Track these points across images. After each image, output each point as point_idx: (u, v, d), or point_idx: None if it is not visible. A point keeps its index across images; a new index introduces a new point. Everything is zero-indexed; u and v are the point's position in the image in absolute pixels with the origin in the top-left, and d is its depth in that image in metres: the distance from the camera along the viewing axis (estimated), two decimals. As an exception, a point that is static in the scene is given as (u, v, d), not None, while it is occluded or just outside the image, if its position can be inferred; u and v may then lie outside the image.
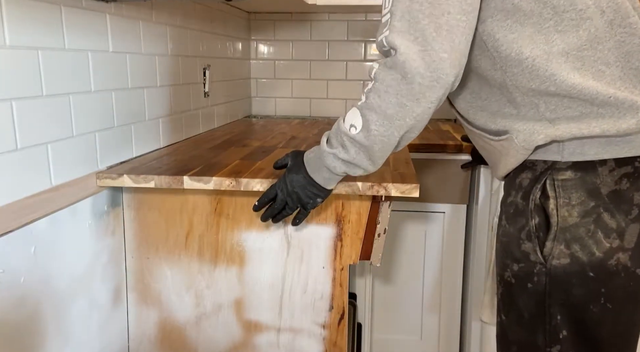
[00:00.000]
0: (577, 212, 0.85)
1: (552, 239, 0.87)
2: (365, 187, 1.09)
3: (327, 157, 0.92)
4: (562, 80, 0.83)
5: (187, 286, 1.25)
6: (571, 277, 0.86)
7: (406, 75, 0.80)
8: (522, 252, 0.90)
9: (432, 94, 0.81)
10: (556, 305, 0.88)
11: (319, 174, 0.96)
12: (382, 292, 1.86)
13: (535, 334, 0.90)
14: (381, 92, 0.83)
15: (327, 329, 1.23)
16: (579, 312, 0.87)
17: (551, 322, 0.88)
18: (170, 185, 1.11)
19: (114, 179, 1.12)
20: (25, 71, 0.91)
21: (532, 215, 0.89)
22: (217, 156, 1.33)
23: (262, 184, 1.09)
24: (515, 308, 0.92)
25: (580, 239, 0.85)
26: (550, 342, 0.89)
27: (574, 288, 0.86)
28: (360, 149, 0.88)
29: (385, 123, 0.84)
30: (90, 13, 1.08)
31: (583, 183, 0.85)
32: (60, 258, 1.02)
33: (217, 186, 1.10)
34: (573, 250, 0.86)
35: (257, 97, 2.35)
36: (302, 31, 2.25)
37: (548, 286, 0.88)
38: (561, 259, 0.86)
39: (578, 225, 0.85)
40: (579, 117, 0.84)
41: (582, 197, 0.85)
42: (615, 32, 0.84)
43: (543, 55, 0.83)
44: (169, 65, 1.44)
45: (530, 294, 0.89)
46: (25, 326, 0.94)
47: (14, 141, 0.89)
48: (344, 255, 1.19)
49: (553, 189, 0.87)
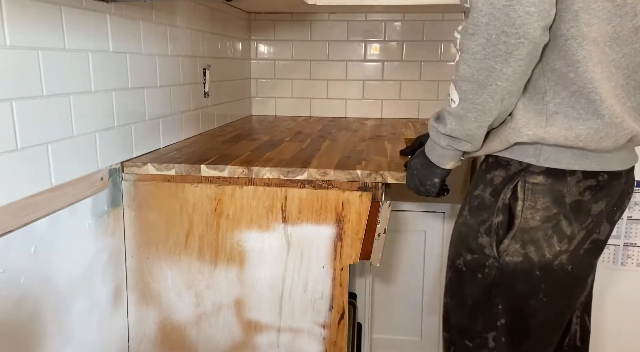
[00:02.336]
0: (539, 217, 0.89)
1: (511, 238, 0.91)
2: (364, 174, 1.14)
3: (432, 133, 0.94)
4: (585, 70, 0.82)
5: (187, 285, 1.25)
6: (519, 273, 0.92)
7: (490, 36, 0.78)
8: (478, 245, 0.94)
9: (521, 51, 0.78)
10: (500, 296, 0.94)
11: (432, 152, 0.98)
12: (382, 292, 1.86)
13: (475, 319, 0.96)
14: (468, 60, 0.82)
15: (327, 329, 1.23)
16: (519, 304, 0.93)
17: (492, 310, 0.94)
18: (189, 172, 1.19)
19: (138, 167, 1.21)
20: (26, 71, 0.91)
21: (497, 212, 0.92)
22: (229, 148, 1.39)
23: (271, 172, 1.17)
24: (460, 294, 0.98)
25: (537, 242, 0.90)
26: (488, 328, 0.95)
27: (520, 283, 0.92)
28: (458, 122, 0.88)
29: (477, 90, 0.83)
30: (91, 13, 1.08)
31: (551, 190, 0.88)
32: (60, 258, 1.02)
33: (231, 174, 1.18)
34: (527, 250, 0.91)
35: (257, 97, 2.35)
36: (302, 31, 2.25)
37: (497, 278, 0.93)
38: (514, 256, 0.91)
39: (537, 229, 0.90)
40: (576, 120, 0.84)
41: (547, 203, 0.89)
42: (638, 40, 0.84)
43: (578, 37, 0.81)
44: (169, 65, 1.45)
45: (478, 284, 0.95)
46: (25, 325, 0.94)
47: (14, 141, 0.89)
48: (344, 255, 1.19)
49: (523, 191, 0.89)
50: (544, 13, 0.77)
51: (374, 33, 2.21)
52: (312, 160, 1.25)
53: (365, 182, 1.15)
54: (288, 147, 1.45)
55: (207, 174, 1.19)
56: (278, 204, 1.18)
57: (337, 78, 2.27)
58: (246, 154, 1.33)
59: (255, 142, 1.52)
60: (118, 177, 1.21)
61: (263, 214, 1.19)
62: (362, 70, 2.25)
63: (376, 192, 1.16)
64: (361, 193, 1.16)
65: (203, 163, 1.20)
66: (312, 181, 1.17)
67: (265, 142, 1.52)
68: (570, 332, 1.08)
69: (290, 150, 1.39)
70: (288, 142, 1.53)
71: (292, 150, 1.39)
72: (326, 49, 2.25)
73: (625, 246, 1.46)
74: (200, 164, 1.19)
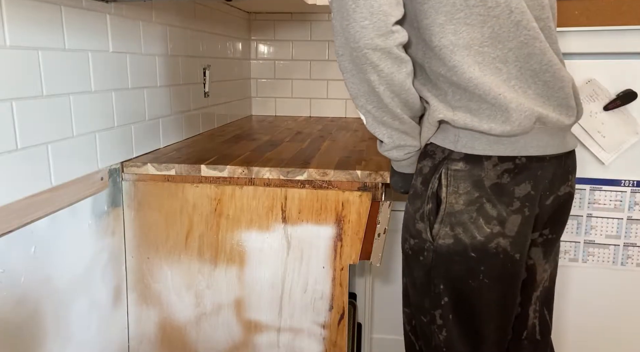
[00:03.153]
0: (462, 201, 0.95)
1: (440, 222, 0.97)
2: (364, 174, 1.15)
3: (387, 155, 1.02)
4: (462, 72, 0.90)
5: (187, 285, 1.25)
6: (453, 255, 0.97)
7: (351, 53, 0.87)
8: (416, 230, 1.01)
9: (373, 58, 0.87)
10: (439, 277, 1.00)
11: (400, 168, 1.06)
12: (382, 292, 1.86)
13: (423, 298, 1.04)
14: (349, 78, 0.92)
15: (327, 329, 1.23)
16: (458, 284, 0.99)
17: (435, 290, 1.01)
18: (189, 172, 1.19)
19: (139, 167, 1.21)
20: (26, 71, 0.91)
21: (427, 200, 0.99)
22: (229, 149, 1.39)
23: (271, 172, 1.17)
24: (410, 275, 1.06)
25: (464, 224, 0.96)
26: (434, 307, 1.02)
27: (455, 264, 0.98)
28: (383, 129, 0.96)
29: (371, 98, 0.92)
30: (91, 13, 1.08)
31: (470, 175, 0.95)
32: (60, 258, 1.02)
33: (230, 174, 1.18)
34: (456, 232, 0.96)
35: (257, 97, 2.35)
36: (302, 31, 2.25)
37: (434, 261, 0.99)
38: (446, 239, 0.97)
39: (462, 212, 0.95)
40: (476, 111, 0.92)
41: (468, 187, 0.95)
42: (520, 34, 0.91)
43: (449, 46, 0.89)
44: (169, 65, 1.45)
45: (421, 266, 1.02)
46: (26, 325, 0.94)
47: (14, 141, 0.89)
48: (344, 255, 1.19)
49: (446, 178, 0.96)
50: (380, 23, 0.85)
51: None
52: (312, 161, 1.25)
53: (365, 182, 1.15)
54: (288, 147, 1.45)
55: (207, 174, 1.19)
56: (278, 204, 1.18)
57: (337, 78, 2.27)
58: (246, 154, 1.33)
59: (255, 142, 1.52)
60: (118, 177, 1.21)
61: (263, 214, 1.19)
62: (362, 70, 2.25)
63: (376, 192, 1.16)
64: (361, 193, 1.16)
65: (203, 163, 1.20)
66: (312, 181, 1.17)
67: (265, 142, 1.52)
68: (528, 326, 1.12)
69: (290, 150, 1.39)
70: (288, 142, 1.53)
71: (292, 150, 1.39)
72: (326, 49, 2.25)
73: (625, 246, 1.46)
74: (200, 164, 1.19)
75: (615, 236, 1.47)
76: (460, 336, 1.03)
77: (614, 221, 1.46)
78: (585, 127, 1.41)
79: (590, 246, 1.48)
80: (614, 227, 1.46)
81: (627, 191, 1.44)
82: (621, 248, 1.47)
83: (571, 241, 1.48)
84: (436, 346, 1.04)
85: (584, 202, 1.46)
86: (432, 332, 1.04)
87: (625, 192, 1.44)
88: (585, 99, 1.40)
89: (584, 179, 1.45)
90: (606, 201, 1.45)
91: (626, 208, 1.45)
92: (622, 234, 1.46)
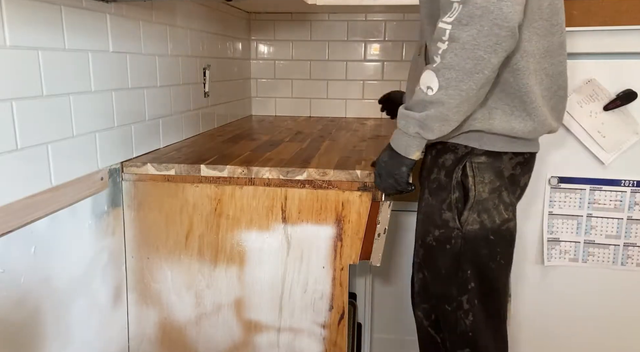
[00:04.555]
0: (488, 189, 1.06)
1: (469, 209, 1.06)
2: (364, 174, 1.15)
3: (402, 120, 1.00)
4: (522, 77, 0.98)
5: (187, 285, 1.25)
6: (479, 239, 1.07)
7: (483, 28, 0.86)
8: (443, 220, 1.08)
9: (507, 43, 0.88)
10: (467, 262, 1.08)
11: (398, 143, 1.03)
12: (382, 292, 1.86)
13: (450, 286, 1.10)
14: (458, 49, 0.89)
15: (327, 329, 1.23)
16: (483, 268, 1.08)
17: (463, 276, 1.08)
18: (189, 172, 1.19)
19: (138, 167, 1.21)
20: (26, 71, 0.91)
21: (454, 190, 1.07)
22: (229, 148, 1.39)
23: (270, 172, 1.17)
24: (434, 266, 1.11)
25: (488, 210, 1.06)
26: (461, 293, 1.09)
27: (481, 249, 1.07)
28: (437, 108, 0.94)
29: (465, 78, 0.90)
30: (91, 13, 1.08)
31: (493, 167, 1.06)
32: (60, 258, 1.02)
33: (230, 174, 1.18)
34: (482, 218, 1.06)
35: (257, 97, 2.35)
36: (302, 31, 2.25)
37: (462, 247, 1.07)
38: (473, 225, 1.06)
39: (488, 199, 1.06)
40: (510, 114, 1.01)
41: (491, 177, 1.06)
42: (562, 52, 1.04)
43: (520, 50, 0.97)
44: (169, 65, 1.45)
45: (448, 254, 1.08)
46: (25, 325, 0.94)
47: (14, 141, 0.89)
48: (344, 255, 1.19)
49: (471, 169, 1.06)
50: (522, 12, 0.88)
51: (374, 33, 2.21)
52: (311, 161, 1.25)
53: (365, 182, 1.15)
54: (288, 147, 1.45)
55: (206, 174, 1.19)
56: (278, 204, 1.18)
57: (337, 78, 2.27)
58: (246, 154, 1.33)
59: (255, 142, 1.52)
60: (118, 177, 1.21)
61: (263, 214, 1.19)
62: (362, 70, 2.25)
63: (376, 192, 1.16)
64: (361, 193, 1.16)
65: (202, 163, 1.20)
66: (312, 180, 1.17)
67: (265, 142, 1.52)
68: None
69: (290, 150, 1.39)
70: (288, 142, 1.53)
71: (292, 150, 1.39)
72: (326, 49, 2.25)
73: (625, 246, 1.46)
74: (200, 164, 1.19)
75: (615, 236, 1.47)
76: (485, 319, 1.10)
77: (614, 221, 1.46)
78: (585, 127, 1.41)
79: (590, 246, 1.48)
80: (614, 227, 1.46)
81: (627, 191, 1.44)
82: (621, 248, 1.47)
83: (571, 241, 1.48)
84: (462, 332, 1.10)
85: (584, 202, 1.46)
86: (457, 320, 1.09)
87: (625, 192, 1.44)
88: (585, 99, 1.40)
89: (584, 179, 1.45)
90: (606, 201, 1.45)
91: (626, 208, 1.45)
92: (622, 234, 1.46)
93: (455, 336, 1.11)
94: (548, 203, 1.47)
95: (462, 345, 1.10)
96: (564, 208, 1.47)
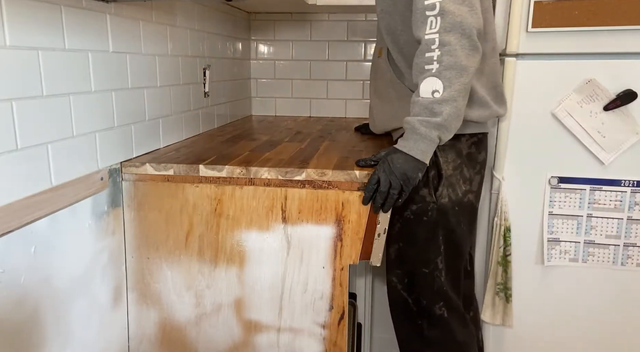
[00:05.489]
0: (451, 167, 1.24)
1: (442, 185, 1.23)
2: (362, 175, 1.15)
3: (421, 127, 1.09)
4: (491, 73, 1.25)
5: (187, 285, 1.25)
6: (448, 209, 1.25)
7: (464, 31, 1.06)
8: (420, 196, 1.24)
9: (479, 43, 1.08)
10: (440, 229, 1.26)
11: (417, 149, 1.10)
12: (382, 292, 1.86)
13: (427, 251, 1.27)
14: (451, 51, 1.06)
15: (327, 329, 1.23)
16: (451, 234, 1.27)
17: (437, 241, 1.26)
18: (188, 172, 1.19)
19: (137, 167, 1.21)
20: (26, 71, 0.91)
21: (429, 169, 1.22)
22: (229, 148, 1.38)
23: (269, 173, 1.17)
24: (412, 236, 1.27)
25: (452, 185, 1.25)
26: (436, 255, 1.27)
27: (450, 217, 1.25)
28: (451, 105, 1.07)
29: (462, 73, 1.06)
30: (91, 13, 1.08)
31: (453, 147, 1.24)
32: (60, 258, 1.02)
33: (229, 174, 1.18)
34: (449, 192, 1.24)
35: (257, 97, 2.35)
36: (302, 31, 2.25)
37: (437, 217, 1.24)
38: (445, 198, 1.24)
39: (452, 175, 1.24)
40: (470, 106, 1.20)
41: (453, 156, 1.24)
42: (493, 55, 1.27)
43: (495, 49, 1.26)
44: (169, 65, 1.45)
45: (425, 224, 1.25)
46: (25, 326, 0.94)
47: (14, 141, 0.89)
48: (344, 255, 1.19)
49: (439, 150, 1.22)
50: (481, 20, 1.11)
51: (374, 33, 2.21)
52: (310, 161, 1.25)
53: (364, 182, 1.15)
54: (287, 147, 1.45)
55: (205, 174, 1.19)
56: (278, 204, 1.18)
57: (337, 78, 2.27)
58: (245, 154, 1.33)
59: (254, 142, 1.52)
60: (118, 177, 1.21)
61: (263, 214, 1.19)
62: (362, 70, 2.25)
63: (376, 192, 1.16)
64: (361, 193, 1.16)
65: (201, 163, 1.20)
66: (312, 181, 1.17)
67: (264, 143, 1.52)
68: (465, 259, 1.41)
69: (289, 150, 1.39)
70: (287, 143, 1.53)
71: (291, 150, 1.39)
72: (326, 49, 2.25)
73: (625, 246, 1.46)
74: (199, 164, 1.19)
75: (615, 236, 1.47)
76: (454, 274, 1.30)
77: (614, 221, 1.46)
78: (585, 127, 1.41)
79: (590, 246, 1.48)
80: (614, 227, 1.46)
81: (627, 191, 1.44)
82: (621, 248, 1.47)
83: (571, 241, 1.48)
84: (439, 287, 1.28)
85: (584, 202, 1.46)
86: (434, 278, 1.27)
87: (625, 192, 1.44)
88: (585, 99, 1.40)
89: (584, 179, 1.45)
90: (606, 201, 1.45)
91: (626, 208, 1.45)
92: (622, 234, 1.46)
93: (431, 293, 1.28)
94: (548, 203, 1.47)
95: (438, 299, 1.28)
96: (564, 208, 1.47)
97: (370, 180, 1.13)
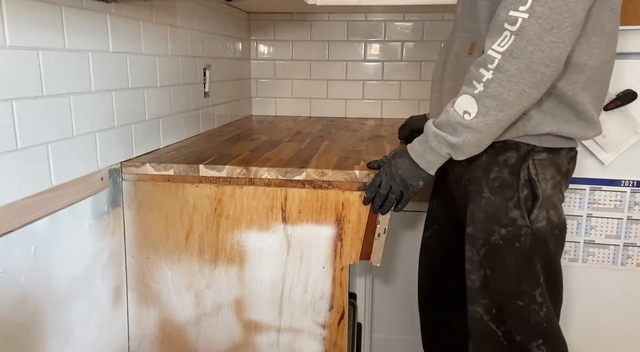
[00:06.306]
0: (551, 185, 1.08)
1: (539, 207, 1.07)
2: (362, 175, 1.15)
3: (433, 140, 1.01)
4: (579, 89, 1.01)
5: (187, 286, 1.25)
6: (547, 235, 1.09)
7: (531, 64, 0.90)
8: (510, 219, 1.08)
9: (550, 80, 0.93)
10: (537, 257, 1.09)
11: (423, 158, 1.05)
12: (382, 292, 1.86)
13: (521, 282, 1.10)
14: (504, 81, 0.92)
15: (327, 329, 1.23)
16: (551, 262, 1.12)
17: (534, 271, 1.10)
18: (188, 172, 1.19)
19: (137, 167, 1.21)
20: (26, 71, 0.91)
21: (522, 188, 1.07)
22: (229, 148, 1.39)
23: (269, 172, 1.17)
24: (501, 264, 1.11)
25: (554, 206, 1.09)
26: (534, 287, 1.10)
27: (549, 244, 1.10)
28: (474, 134, 0.97)
29: (504, 109, 0.94)
30: (91, 13, 1.08)
31: (553, 163, 1.08)
32: (60, 258, 1.02)
33: (229, 174, 1.18)
34: (550, 214, 1.09)
35: (257, 97, 2.35)
36: (302, 31, 2.25)
37: (533, 244, 1.08)
38: (542, 222, 1.08)
39: (552, 195, 1.09)
40: (567, 122, 1.04)
41: (553, 173, 1.08)
42: (612, 60, 1.06)
43: (581, 63, 0.99)
44: (169, 65, 1.45)
45: (518, 251, 1.09)
46: (25, 326, 0.94)
47: (14, 141, 0.89)
48: (344, 255, 1.19)
49: (534, 167, 1.07)
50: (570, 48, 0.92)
51: (374, 33, 2.21)
52: (310, 161, 1.25)
53: (364, 182, 1.15)
54: (287, 147, 1.45)
55: (205, 174, 1.19)
56: (278, 204, 1.18)
57: (337, 78, 2.27)
58: (245, 154, 1.33)
59: (254, 142, 1.52)
60: (118, 177, 1.21)
61: (263, 214, 1.19)
62: (362, 71, 2.25)
63: (376, 192, 1.16)
64: (361, 193, 1.16)
65: (201, 163, 1.20)
66: (312, 181, 1.17)
67: (264, 142, 1.52)
68: None
69: (289, 150, 1.39)
70: (287, 142, 1.53)
71: (291, 150, 1.39)
72: (326, 49, 2.25)
73: (625, 246, 1.46)
74: (199, 164, 1.19)
75: (615, 236, 1.47)
76: (555, 308, 1.15)
77: (614, 221, 1.46)
78: (585, 127, 1.41)
79: (590, 246, 1.48)
80: (614, 227, 1.46)
81: (627, 191, 1.44)
82: (621, 248, 1.47)
83: (571, 241, 1.48)
84: (537, 323, 1.12)
85: (584, 202, 1.46)
86: (530, 313, 1.11)
87: (625, 192, 1.44)
88: (585, 99, 1.40)
89: (584, 179, 1.45)
90: (606, 201, 1.45)
91: (626, 208, 1.45)
92: (622, 234, 1.46)
93: (528, 329, 1.12)
94: (548, 203, 1.47)
95: (536, 336, 1.12)
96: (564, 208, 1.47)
97: (373, 181, 1.12)
